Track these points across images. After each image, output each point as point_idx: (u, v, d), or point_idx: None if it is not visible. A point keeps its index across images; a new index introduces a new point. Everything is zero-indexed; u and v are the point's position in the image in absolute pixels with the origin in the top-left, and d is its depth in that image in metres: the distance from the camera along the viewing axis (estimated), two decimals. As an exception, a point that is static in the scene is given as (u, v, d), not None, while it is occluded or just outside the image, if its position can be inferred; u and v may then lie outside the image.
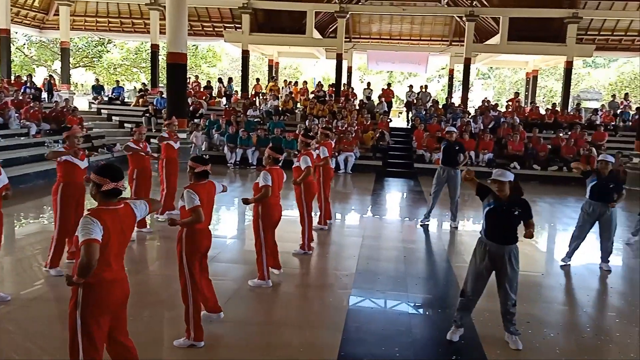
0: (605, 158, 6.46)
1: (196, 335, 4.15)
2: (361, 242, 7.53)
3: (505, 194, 4.19)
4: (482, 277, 4.30)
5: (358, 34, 25.37)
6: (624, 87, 31.26)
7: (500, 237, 4.22)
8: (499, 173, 4.21)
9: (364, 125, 16.67)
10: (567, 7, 19.50)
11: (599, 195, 6.42)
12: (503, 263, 4.22)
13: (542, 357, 4.30)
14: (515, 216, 4.18)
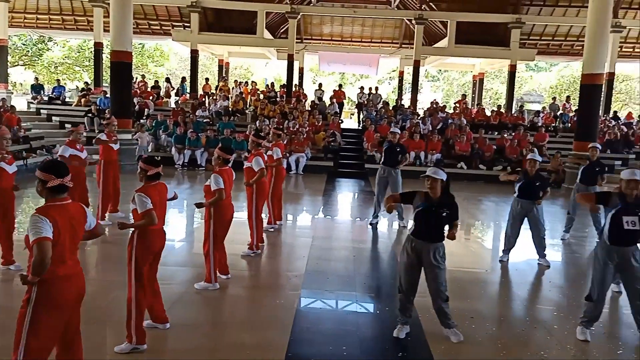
0: (533, 157, 6.65)
1: (138, 339, 4.05)
2: (311, 242, 7.49)
3: (436, 192, 4.26)
4: (412, 271, 4.38)
5: (309, 35, 25.40)
6: (564, 90, 32.67)
7: (426, 236, 4.30)
8: (433, 171, 4.28)
9: (315, 126, 16.65)
10: (510, 12, 20.21)
11: (526, 193, 6.63)
12: (429, 260, 4.30)
13: (485, 351, 4.39)
14: (443, 217, 4.26)
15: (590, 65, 13.36)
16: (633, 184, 4.34)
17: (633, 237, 4.40)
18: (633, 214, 4.32)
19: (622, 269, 4.47)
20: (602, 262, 4.50)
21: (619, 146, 16.55)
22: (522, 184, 6.63)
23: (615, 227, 4.39)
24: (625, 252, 4.41)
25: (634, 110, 25.57)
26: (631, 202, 4.37)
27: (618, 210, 4.37)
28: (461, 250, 7.65)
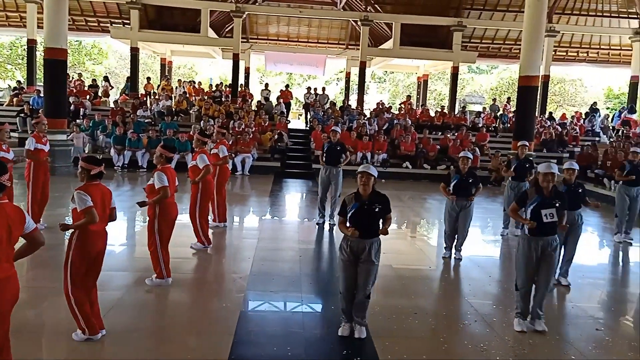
0: (465, 155, 6.83)
1: (90, 330, 4.09)
2: (257, 243, 7.42)
3: (367, 189, 4.30)
4: (350, 269, 4.38)
5: (255, 35, 25.15)
6: (504, 91, 33.92)
7: (362, 233, 4.29)
8: (366, 167, 4.34)
9: (261, 126, 16.47)
10: (452, 15, 20.76)
11: (460, 190, 6.80)
12: (364, 255, 4.33)
13: (427, 346, 4.45)
14: (376, 213, 4.31)
15: (527, 68, 13.84)
16: (549, 177, 4.58)
17: (552, 228, 4.62)
18: (550, 206, 4.56)
19: (541, 259, 4.68)
20: (525, 252, 4.69)
21: (554, 145, 17.28)
22: (456, 183, 6.78)
23: (535, 220, 4.58)
24: (545, 242, 4.64)
25: (567, 112, 26.80)
26: (548, 194, 4.59)
27: (536, 204, 4.58)
28: (407, 248, 7.73)
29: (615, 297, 6.22)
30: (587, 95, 33.80)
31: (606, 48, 23.58)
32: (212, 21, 21.07)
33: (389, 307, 5.19)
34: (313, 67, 24.47)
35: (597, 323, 5.17)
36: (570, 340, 4.76)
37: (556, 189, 4.72)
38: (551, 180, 4.59)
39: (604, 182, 12.78)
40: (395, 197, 11.89)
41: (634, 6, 21.41)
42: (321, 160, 8.86)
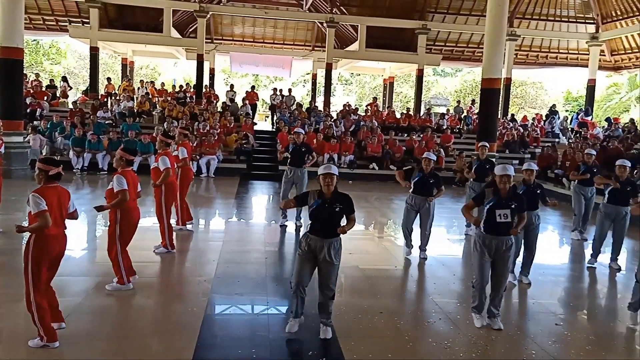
0: (428, 156, 6.91)
1: (48, 337, 4.03)
2: (222, 246, 7.34)
3: (330, 188, 4.28)
4: (306, 267, 4.36)
5: (220, 35, 24.87)
6: (468, 93, 34.56)
7: (321, 232, 4.31)
8: (329, 167, 4.34)
9: (227, 127, 16.29)
10: (417, 18, 21.02)
11: (421, 189, 6.87)
12: (323, 256, 4.31)
13: (393, 344, 4.47)
14: (336, 212, 4.30)
15: (489, 71, 14.10)
16: (505, 179, 4.66)
17: (506, 229, 4.69)
18: (505, 207, 4.63)
19: (496, 258, 4.76)
20: (480, 250, 4.77)
21: (516, 146, 17.66)
22: (418, 180, 6.86)
23: (490, 219, 4.68)
24: (499, 242, 4.70)
25: (529, 114, 27.45)
26: (504, 195, 4.67)
27: (492, 204, 4.66)
28: (374, 248, 7.76)
29: (574, 293, 6.39)
30: (548, 98, 34.72)
31: (564, 52, 24.27)
32: (175, 21, 20.73)
33: (355, 307, 5.20)
34: (279, 69, 24.34)
35: (556, 318, 5.28)
36: (531, 335, 4.84)
37: (515, 191, 4.79)
38: (507, 181, 4.67)
39: (563, 181, 13.12)
40: (362, 198, 11.93)
41: (590, 12, 22.13)
42: (280, 157, 8.79)
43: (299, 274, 4.39)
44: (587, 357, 4.47)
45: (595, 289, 6.63)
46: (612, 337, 4.95)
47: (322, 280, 4.39)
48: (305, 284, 4.41)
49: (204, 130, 15.18)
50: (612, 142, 14.67)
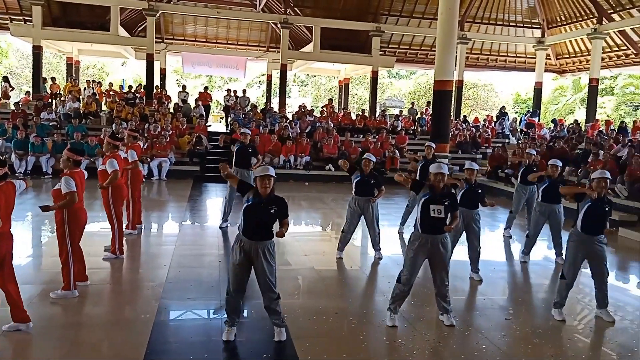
0: (368, 157, 6.92)
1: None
2: (174, 250, 7.17)
3: (267, 190, 4.23)
4: (241, 271, 4.29)
5: (171, 35, 24.30)
6: (421, 95, 35.16)
7: (254, 234, 4.24)
8: (267, 169, 4.26)
9: (179, 129, 15.92)
10: (371, 21, 21.18)
11: (362, 190, 6.86)
12: (258, 258, 4.24)
13: (348, 344, 4.47)
14: (271, 214, 4.23)
15: (441, 73, 14.32)
16: (440, 177, 4.73)
17: (440, 226, 4.74)
18: (439, 203, 4.70)
19: (431, 255, 4.81)
20: (415, 249, 4.80)
21: (468, 147, 18.05)
22: (358, 181, 6.83)
23: (424, 215, 4.73)
24: (435, 240, 4.75)
25: (480, 115, 28.16)
26: (439, 192, 4.75)
27: (426, 199, 4.71)
28: (330, 249, 7.75)
29: (523, 288, 6.54)
30: (498, 100, 35.72)
31: (513, 55, 25.05)
32: (123, 19, 20.17)
33: (310, 309, 5.16)
34: (233, 69, 24.02)
35: (506, 313, 5.38)
36: (482, 330, 4.91)
37: (449, 189, 4.89)
38: (441, 179, 4.73)
39: (512, 181, 13.45)
40: (318, 199, 11.87)
41: (536, 17, 22.93)
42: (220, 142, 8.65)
43: (236, 282, 4.31)
44: (534, 350, 4.56)
45: (543, 283, 6.79)
46: (559, 330, 5.06)
47: (262, 284, 4.31)
48: (242, 290, 4.35)
49: (155, 132, 14.77)
50: (558, 143, 15.17)
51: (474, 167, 6.31)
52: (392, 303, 4.92)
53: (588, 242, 5.08)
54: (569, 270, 5.19)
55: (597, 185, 5.06)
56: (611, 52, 21.66)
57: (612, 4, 19.10)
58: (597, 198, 5.05)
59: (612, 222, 9.83)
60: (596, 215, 5.04)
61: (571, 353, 4.57)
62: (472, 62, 24.61)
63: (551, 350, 4.59)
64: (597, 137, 15.50)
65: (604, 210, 5.06)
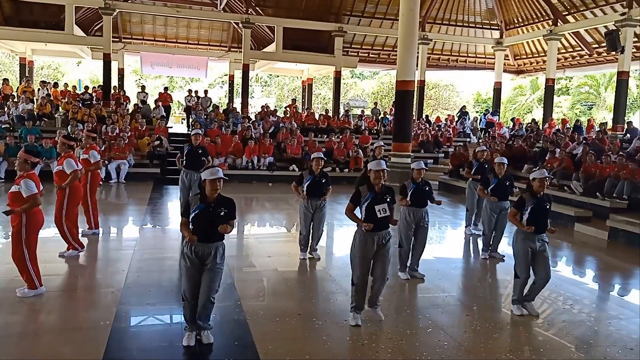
0: (318, 155, 6.92)
1: None
2: (133, 254, 6.99)
3: (214, 193, 4.19)
4: (195, 276, 4.23)
5: (130, 34, 23.71)
6: (384, 95, 35.47)
7: (207, 237, 4.19)
8: (215, 171, 4.21)
9: (138, 130, 15.57)
10: (333, 21, 21.20)
11: (314, 191, 6.84)
12: (210, 260, 4.21)
13: (310, 345, 4.45)
14: (221, 216, 4.17)
15: (403, 73, 14.47)
16: (380, 174, 4.75)
17: (385, 223, 4.78)
18: (382, 202, 4.73)
19: (376, 253, 4.81)
20: (361, 249, 4.77)
21: (431, 146, 18.28)
22: (310, 182, 6.80)
23: (370, 216, 4.72)
24: (379, 237, 4.77)
25: (442, 115, 28.60)
26: (379, 191, 4.77)
27: (370, 201, 4.71)
28: (294, 251, 7.66)
29: (483, 284, 6.62)
30: (459, 100, 36.37)
31: (473, 56, 25.53)
32: (78, 18, 19.56)
33: (273, 311, 5.11)
34: (194, 70, 23.64)
35: (466, 309, 5.44)
36: (443, 327, 4.95)
37: (385, 184, 4.88)
38: (382, 176, 4.75)
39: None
40: (282, 200, 11.78)
41: (495, 18, 23.44)
42: (179, 164, 8.56)
43: (191, 287, 4.23)
44: (494, 344, 4.63)
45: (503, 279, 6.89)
46: (518, 324, 5.15)
47: (204, 285, 4.21)
48: (196, 296, 4.26)
49: (112, 133, 14.38)
50: (517, 141, 15.52)
51: (421, 167, 6.38)
52: (353, 303, 4.90)
53: (533, 240, 5.17)
54: (521, 268, 5.25)
55: (539, 184, 5.20)
56: (566, 53, 22.33)
57: (566, 6, 19.70)
58: (539, 197, 5.20)
59: (567, 217, 10.13)
60: (539, 214, 5.17)
61: (530, 347, 4.64)
62: (434, 63, 24.94)
63: (510, 344, 4.66)
64: (553, 136, 15.93)
65: (545, 209, 5.22)
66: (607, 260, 8.08)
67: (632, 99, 28.35)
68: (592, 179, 11.06)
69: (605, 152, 12.44)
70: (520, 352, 4.50)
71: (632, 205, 9.94)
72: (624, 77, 17.01)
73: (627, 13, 16.16)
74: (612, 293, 6.60)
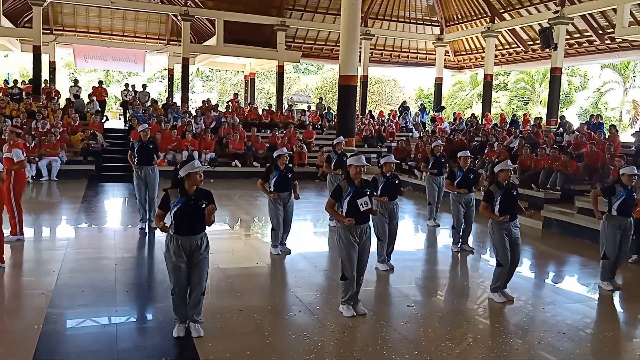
0: (281, 152, 6.96)
1: None
2: (64, 255, 6.68)
3: (196, 186, 4.24)
4: (182, 269, 4.26)
5: (61, 26, 22.48)
6: (328, 90, 35.55)
7: (190, 230, 4.26)
8: (192, 165, 4.22)
9: (71, 126, 14.84)
10: (275, 15, 20.97)
11: (281, 186, 6.88)
12: (197, 252, 4.28)
13: (251, 341, 4.39)
14: (202, 209, 4.24)
15: (345, 68, 14.49)
16: (360, 169, 4.85)
17: (367, 216, 4.87)
18: (363, 195, 4.81)
19: (360, 241, 4.87)
20: (346, 241, 4.83)
21: (374, 141, 18.47)
22: (278, 178, 6.84)
23: (352, 210, 4.78)
24: (362, 230, 4.85)
25: (385, 110, 28.96)
26: (359, 185, 4.85)
27: (352, 195, 4.79)
28: (237, 247, 7.68)
29: (427, 275, 6.72)
30: (402, 95, 36.98)
31: (415, 52, 26.00)
32: (6, 9, 18.44)
33: (214, 308, 4.99)
34: (131, 63, 22.78)
35: (409, 300, 5.49)
36: (385, 319, 5.00)
37: (363, 178, 4.96)
38: (360, 171, 4.85)
39: (416, 172, 13.92)
40: (225, 196, 11.55)
41: (435, 15, 23.96)
42: (131, 162, 8.38)
43: (180, 281, 4.29)
44: (434, 332, 4.72)
45: (444, 269, 7.05)
46: (458, 313, 5.26)
47: (194, 278, 4.31)
48: (186, 287, 4.34)
49: (43, 129, 13.61)
50: (457, 135, 15.93)
51: (392, 160, 6.47)
52: (348, 299, 4.93)
53: (507, 228, 5.39)
54: (502, 256, 5.43)
55: (504, 175, 5.44)
56: (503, 50, 23.14)
57: (503, 4, 20.37)
58: (505, 186, 5.42)
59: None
60: (509, 202, 5.40)
61: (470, 334, 4.73)
62: (377, 58, 25.21)
63: (450, 332, 4.74)
64: (491, 130, 16.48)
65: (513, 196, 5.45)
66: (542, 249, 8.38)
67: (564, 95, 29.78)
68: (527, 171, 11.49)
69: (539, 145, 12.99)
70: (459, 340, 4.58)
71: (565, 196, 10.41)
72: (557, 73, 17.79)
73: (560, 11, 16.87)
74: (547, 280, 6.85)
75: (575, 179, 10.99)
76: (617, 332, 5.10)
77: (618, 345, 4.77)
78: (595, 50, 19.50)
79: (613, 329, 5.12)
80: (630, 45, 17.55)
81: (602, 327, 5.10)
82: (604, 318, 5.42)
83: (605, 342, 4.72)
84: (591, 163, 11.23)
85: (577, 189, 10.76)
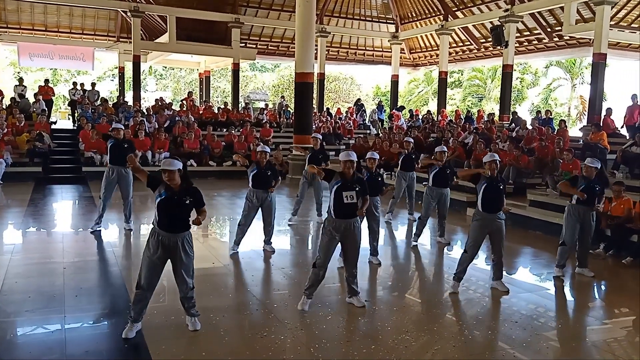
0: (263, 149, 6.94)
1: None
2: (9, 260, 6.44)
3: (176, 182, 4.25)
4: (157, 268, 4.29)
5: (5, 23, 21.40)
6: (285, 88, 35.37)
7: (172, 227, 4.27)
8: (168, 163, 4.25)
9: (16, 127, 14.19)
10: (229, 12, 20.66)
11: (260, 183, 6.82)
12: (177, 251, 4.29)
13: (207, 342, 4.33)
14: (186, 205, 4.27)
15: (301, 65, 14.43)
16: (349, 164, 4.92)
17: (353, 211, 4.91)
18: (351, 189, 4.87)
19: (344, 239, 4.96)
20: (330, 234, 4.92)
21: (332, 138, 18.48)
22: (255, 174, 6.79)
23: (338, 202, 4.87)
24: (347, 224, 4.91)
25: (343, 107, 29.08)
26: (349, 179, 4.92)
27: (338, 187, 4.87)
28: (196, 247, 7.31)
29: (385, 270, 6.73)
30: (359, 93, 37.22)
31: (371, 49, 26.16)
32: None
33: (169, 309, 4.90)
34: (79, 61, 21.99)
35: (365, 295, 5.48)
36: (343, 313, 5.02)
37: (358, 175, 5.05)
38: (351, 166, 4.91)
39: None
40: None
41: (390, 13, 24.19)
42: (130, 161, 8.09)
43: (150, 276, 4.27)
44: (392, 326, 4.75)
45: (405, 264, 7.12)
46: (414, 306, 5.37)
47: (179, 276, 4.33)
48: (155, 285, 4.34)
49: (-15, 130, 12.94)
50: (414, 132, 16.12)
51: (375, 157, 6.50)
52: (308, 288, 4.98)
53: (490, 219, 5.55)
54: (472, 246, 5.60)
55: (488, 167, 5.61)
56: (457, 47, 23.60)
57: (456, 2, 20.73)
58: (491, 178, 5.57)
59: (460, 203, 10.64)
60: (493, 194, 5.55)
61: (427, 327, 4.77)
62: (333, 55, 25.21)
63: (406, 325, 4.77)
64: (447, 126, 16.76)
65: (499, 189, 5.60)
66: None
67: (517, 92, 30.67)
68: (481, 166, 11.71)
69: (493, 140, 13.29)
70: (416, 333, 4.61)
71: (517, 189, 10.68)
72: (508, 70, 18.28)
73: (510, 9, 17.32)
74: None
75: (527, 173, 11.31)
76: (568, 320, 5.27)
77: (569, 333, 4.91)
78: (544, 48, 20.16)
79: (564, 317, 5.28)
80: (578, 43, 18.21)
81: (553, 316, 5.25)
82: (556, 307, 5.60)
83: (557, 330, 4.86)
84: (542, 157, 11.57)
85: (529, 183, 11.09)
